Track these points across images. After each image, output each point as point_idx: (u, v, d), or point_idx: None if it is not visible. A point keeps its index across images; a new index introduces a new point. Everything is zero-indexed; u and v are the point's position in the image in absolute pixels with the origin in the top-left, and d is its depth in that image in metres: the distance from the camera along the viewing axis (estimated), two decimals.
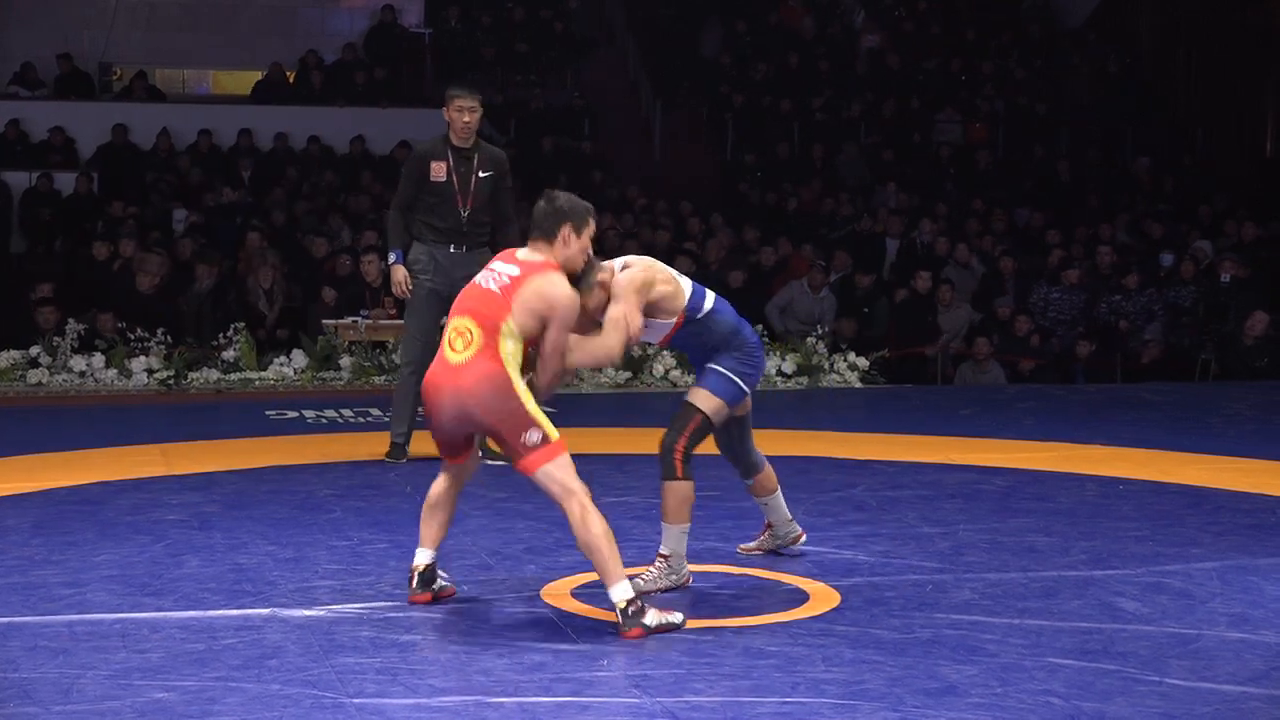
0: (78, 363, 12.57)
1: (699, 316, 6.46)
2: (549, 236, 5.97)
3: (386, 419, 10.97)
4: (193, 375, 12.65)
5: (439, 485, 6.17)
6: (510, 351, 5.86)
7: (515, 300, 5.84)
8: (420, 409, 9.43)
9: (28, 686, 5.13)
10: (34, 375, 12.45)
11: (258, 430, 10.53)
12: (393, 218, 9.43)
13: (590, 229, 6.05)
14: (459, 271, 9.08)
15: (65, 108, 19.05)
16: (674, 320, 6.39)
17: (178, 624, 5.87)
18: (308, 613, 6.00)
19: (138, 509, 7.88)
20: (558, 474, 5.86)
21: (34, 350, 12.59)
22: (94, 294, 13.74)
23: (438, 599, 6.17)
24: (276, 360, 12.96)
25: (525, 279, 5.87)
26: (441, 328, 8.98)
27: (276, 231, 15.93)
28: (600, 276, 6.18)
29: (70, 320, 12.82)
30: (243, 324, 13.13)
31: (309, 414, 11.31)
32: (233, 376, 12.72)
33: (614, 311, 6.14)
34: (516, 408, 5.84)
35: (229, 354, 12.87)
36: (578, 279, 6.05)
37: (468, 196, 9.23)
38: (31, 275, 14.39)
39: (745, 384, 6.51)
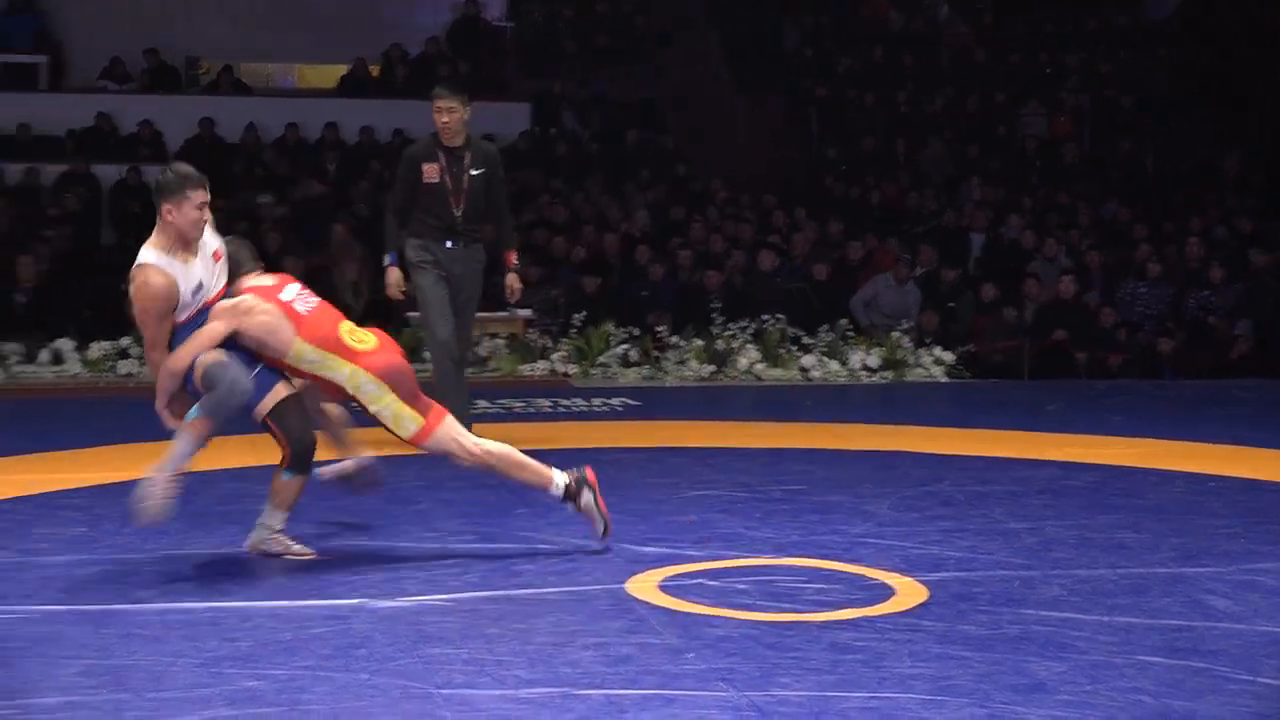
0: None
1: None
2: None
3: (473, 410, 11.03)
4: None
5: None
6: None
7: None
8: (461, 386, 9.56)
9: (121, 673, 5.19)
10: (124, 366, 12.56)
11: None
12: (388, 220, 9.60)
13: None
14: (457, 266, 9.31)
15: (153, 101, 19.24)
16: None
17: (267, 613, 5.92)
18: (395, 603, 6.04)
19: (228, 499, 7.95)
20: None
21: (124, 341, 12.71)
22: None
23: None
24: None
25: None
26: (455, 310, 9.36)
27: (362, 224, 16.00)
28: None
29: None
30: None
31: None
32: None
33: None
34: None
35: None
36: None
37: (460, 195, 9.32)
38: (121, 267, 14.49)
39: None
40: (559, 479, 6.77)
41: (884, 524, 7.51)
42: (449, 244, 9.34)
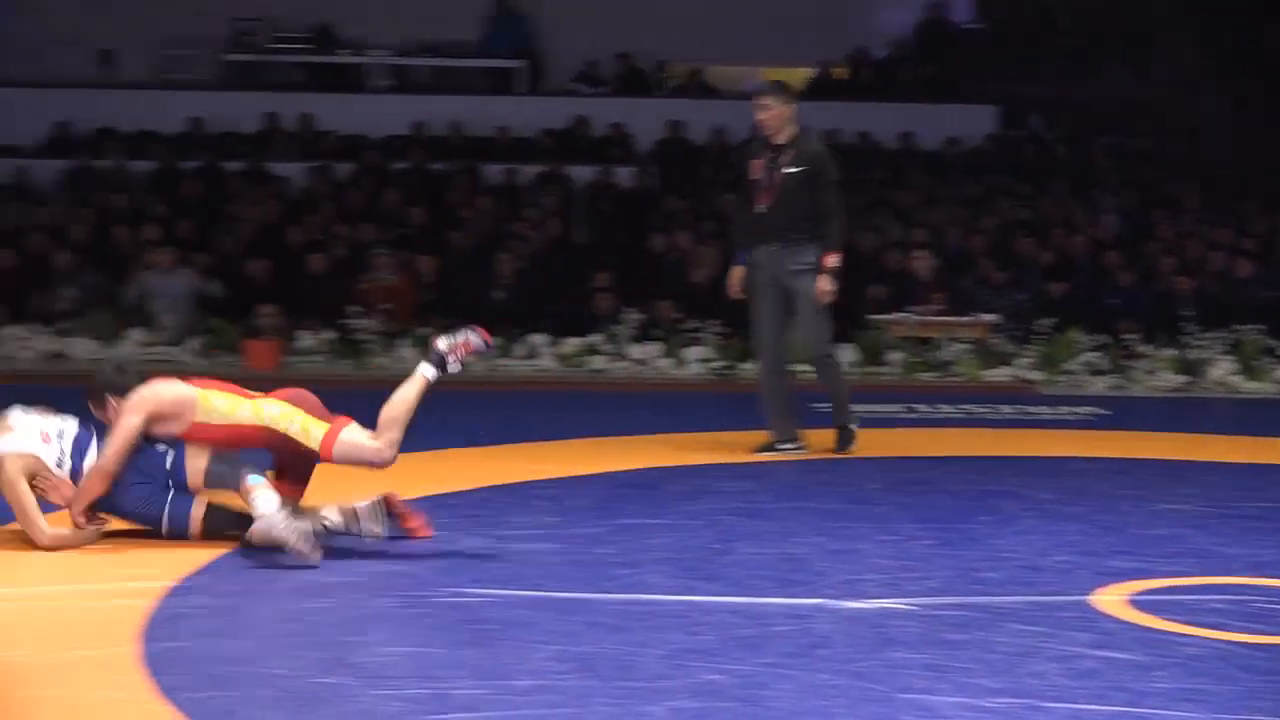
0: (635, 351, 12.96)
1: None
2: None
3: (935, 414, 10.98)
4: (744, 365, 12.87)
5: None
6: None
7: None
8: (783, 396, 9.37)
9: (589, 661, 5.33)
10: (595, 362, 12.91)
11: (806, 422, 10.63)
12: (735, 217, 9.47)
13: None
14: (780, 270, 9.09)
15: (624, 104, 19.72)
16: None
17: (730, 609, 5.99)
18: (856, 605, 6.02)
19: (692, 494, 8.09)
20: None
21: (595, 338, 13.07)
22: (651, 284, 14.15)
23: None
24: None
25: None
26: (782, 321, 9.22)
27: None
28: None
29: (629, 308, 13.24)
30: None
31: (857, 408, 11.31)
32: None
33: None
34: None
35: None
36: None
37: (773, 192, 9.11)
38: (593, 265, 14.93)
39: None
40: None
41: None
42: (768, 245, 9.20)
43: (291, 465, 6.97)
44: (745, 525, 7.41)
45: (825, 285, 9.22)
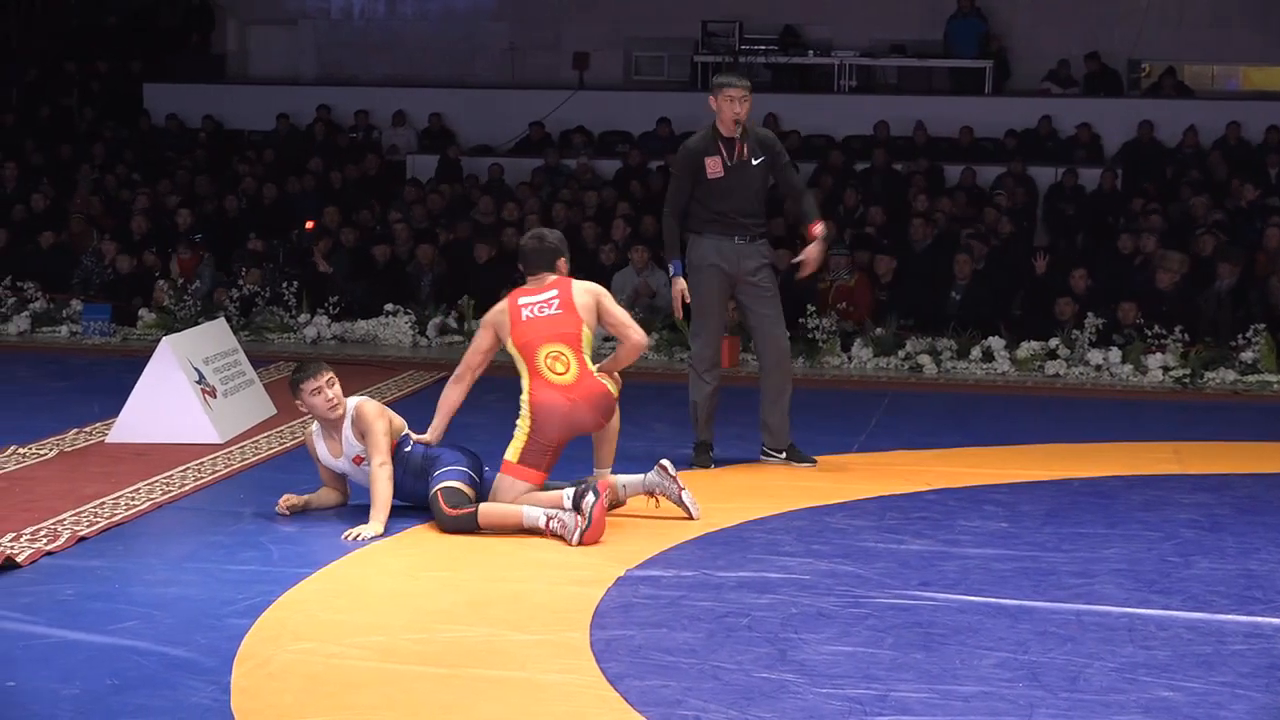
0: (1094, 356, 12.67)
1: None
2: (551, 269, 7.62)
3: None
4: (1209, 375, 12.44)
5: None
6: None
7: (578, 309, 7.44)
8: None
9: (1037, 670, 5.27)
10: (1051, 366, 12.67)
11: (1276, 434, 10.22)
12: (667, 225, 8.90)
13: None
14: (746, 262, 8.71)
15: (1093, 104, 19.32)
16: None
17: (1185, 624, 5.83)
18: None
19: (1149, 505, 7.87)
20: None
21: (1053, 342, 12.82)
22: (1114, 288, 13.79)
23: None
24: None
25: (567, 292, 7.49)
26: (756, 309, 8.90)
27: None
28: None
29: (1089, 314, 12.94)
30: (1263, 325, 12.77)
31: None
32: (1250, 378, 12.39)
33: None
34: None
35: (1247, 355, 12.55)
36: None
37: (745, 187, 8.66)
38: (1053, 267, 14.61)
39: None
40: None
41: None
42: (736, 239, 8.73)
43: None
44: (1204, 539, 7.18)
45: (815, 252, 8.79)
